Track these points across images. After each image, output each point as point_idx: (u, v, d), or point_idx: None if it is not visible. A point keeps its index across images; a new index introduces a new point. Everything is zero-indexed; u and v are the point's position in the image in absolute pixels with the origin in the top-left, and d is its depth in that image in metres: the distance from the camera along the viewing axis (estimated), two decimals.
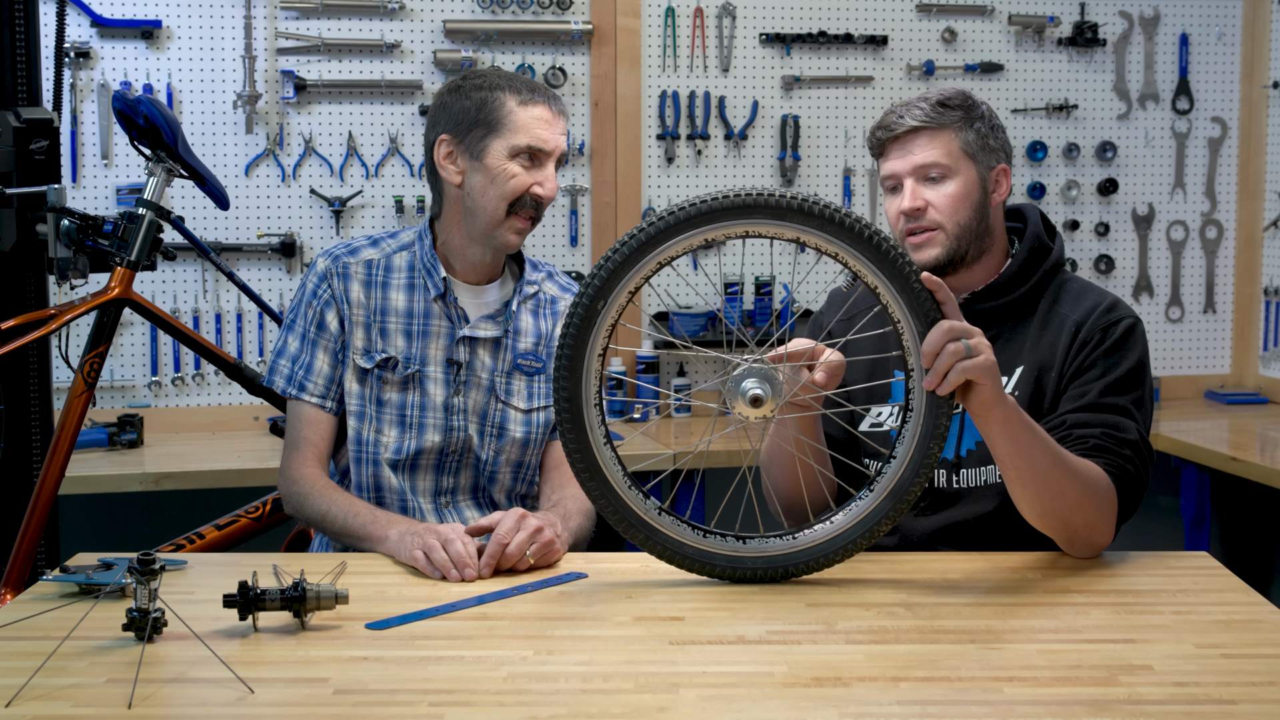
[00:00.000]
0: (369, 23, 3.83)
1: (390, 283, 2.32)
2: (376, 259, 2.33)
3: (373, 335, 2.30)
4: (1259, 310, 4.28)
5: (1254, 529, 4.24)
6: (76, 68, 3.66)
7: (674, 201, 1.89)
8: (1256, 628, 1.77)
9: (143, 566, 1.65)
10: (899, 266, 1.85)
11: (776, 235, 1.85)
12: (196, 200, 3.70)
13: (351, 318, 2.30)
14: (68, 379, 2.68)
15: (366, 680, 1.57)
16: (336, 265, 2.31)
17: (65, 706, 1.49)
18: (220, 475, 3.32)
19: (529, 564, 2.00)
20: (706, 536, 1.93)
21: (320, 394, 2.30)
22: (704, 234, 1.84)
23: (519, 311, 2.36)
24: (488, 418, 2.33)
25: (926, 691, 1.54)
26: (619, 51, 3.95)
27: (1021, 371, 2.20)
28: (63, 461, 2.60)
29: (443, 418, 2.31)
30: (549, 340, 2.38)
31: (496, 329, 2.33)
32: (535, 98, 2.26)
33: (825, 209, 1.83)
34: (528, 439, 2.35)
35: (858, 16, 4.09)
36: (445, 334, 2.31)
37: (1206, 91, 4.28)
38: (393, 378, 2.29)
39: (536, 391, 2.37)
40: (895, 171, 2.22)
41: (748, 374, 1.89)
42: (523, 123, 2.24)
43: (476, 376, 2.32)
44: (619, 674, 1.59)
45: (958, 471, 2.22)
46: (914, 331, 1.87)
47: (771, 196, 1.82)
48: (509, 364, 2.34)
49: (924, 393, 1.88)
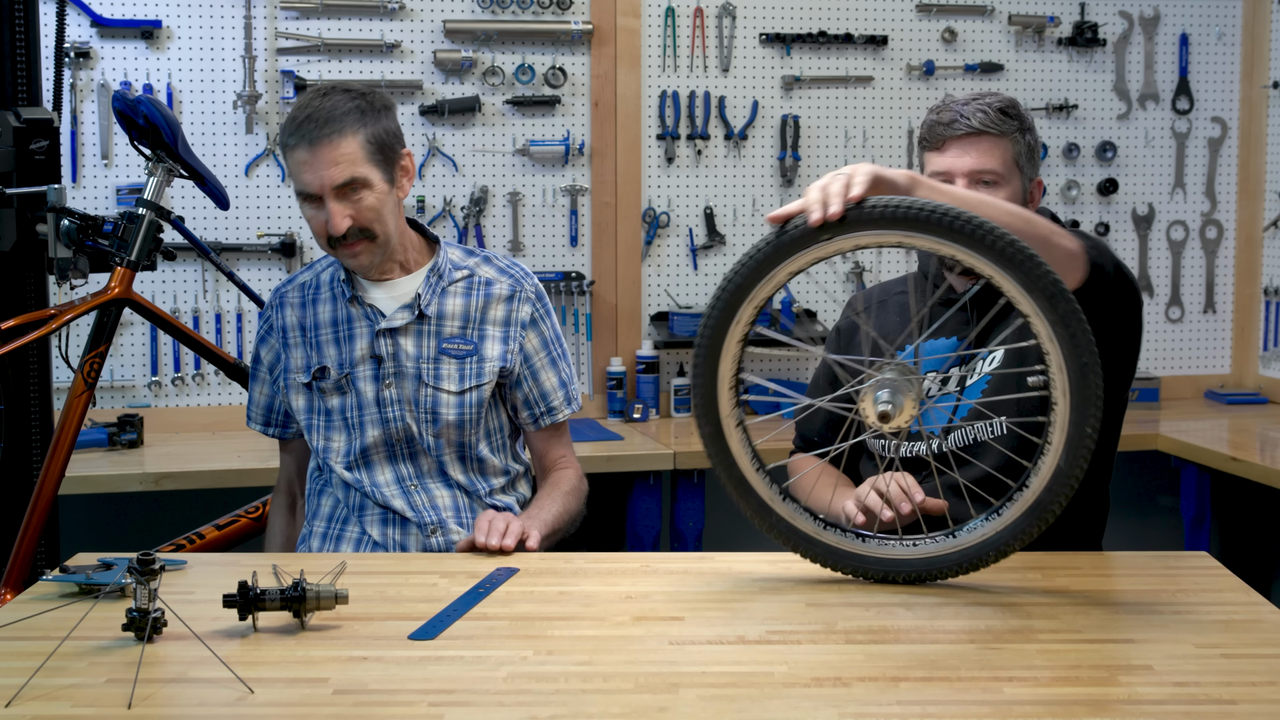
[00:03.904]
0: (369, 23, 3.83)
1: (319, 298, 2.41)
2: (309, 280, 2.44)
3: (309, 352, 2.39)
4: (1259, 310, 4.28)
5: (1254, 529, 4.23)
6: (76, 68, 3.66)
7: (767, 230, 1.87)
8: (1256, 628, 1.77)
9: (143, 566, 1.65)
10: (1049, 291, 1.76)
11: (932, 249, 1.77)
12: (196, 200, 3.70)
13: (289, 342, 2.41)
14: (68, 379, 2.68)
15: (366, 680, 1.57)
16: (275, 297, 2.45)
17: (65, 706, 1.49)
18: (220, 475, 3.32)
19: (510, 549, 2.12)
20: (865, 541, 1.93)
21: (279, 424, 2.49)
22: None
23: (444, 296, 2.39)
24: (420, 404, 2.36)
25: (926, 691, 1.54)
26: (619, 51, 3.95)
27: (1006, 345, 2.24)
28: (63, 461, 2.60)
29: (377, 412, 2.36)
30: (480, 323, 2.40)
31: (411, 316, 2.36)
32: (292, 140, 2.27)
33: (975, 226, 1.75)
34: (461, 420, 2.37)
35: (858, 16, 4.09)
36: (367, 333, 2.37)
37: (1206, 91, 4.28)
38: (328, 385, 2.37)
39: (469, 373, 2.38)
40: (950, 169, 2.25)
41: (884, 384, 1.85)
42: (291, 169, 2.30)
43: (402, 366, 2.36)
44: (619, 674, 1.59)
45: (947, 436, 2.27)
46: (1059, 356, 1.78)
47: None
48: (434, 350, 2.37)
49: (1072, 372, 1.78)
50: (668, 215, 4.03)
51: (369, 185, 2.28)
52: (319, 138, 2.24)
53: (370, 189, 2.28)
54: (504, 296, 2.41)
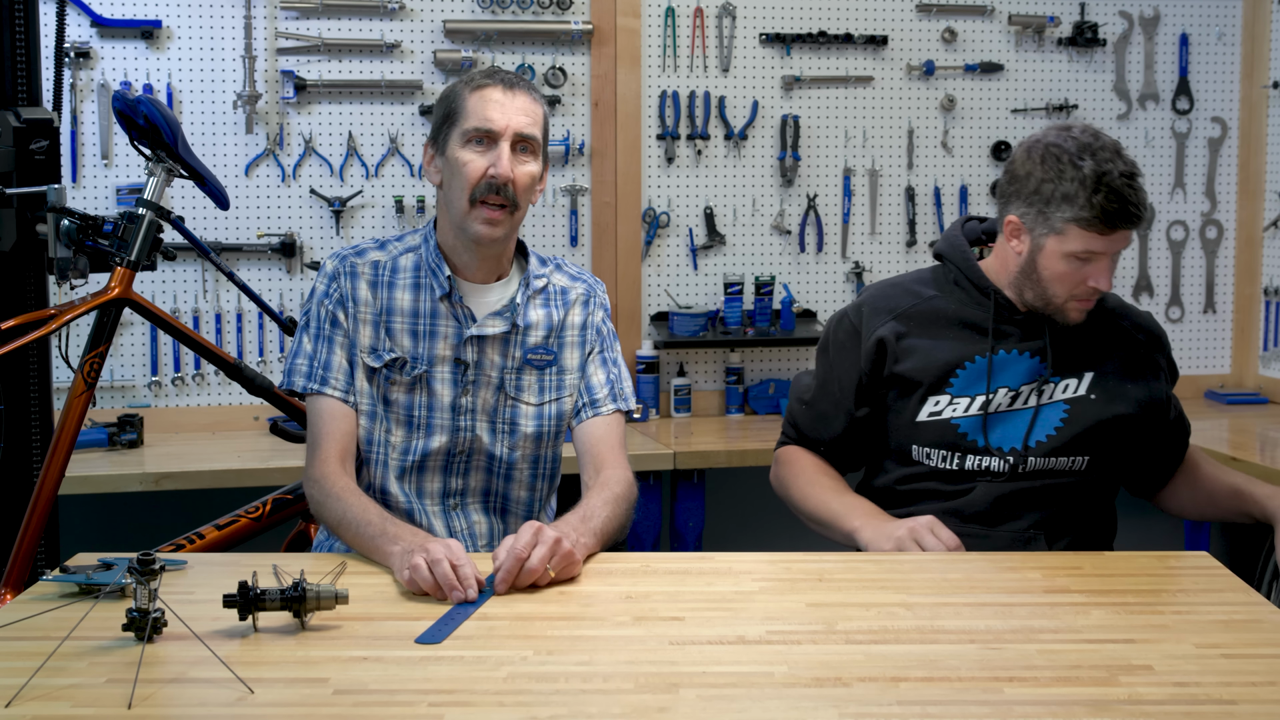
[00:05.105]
0: (369, 23, 3.83)
1: (396, 282, 2.28)
2: (383, 260, 2.30)
3: (380, 334, 2.26)
4: (1259, 310, 4.28)
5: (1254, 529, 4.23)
6: (76, 68, 3.66)
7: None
8: (1256, 628, 1.77)
9: (143, 566, 1.65)
10: None
11: None
12: (196, 200, 3.70)
13: (359, 315, 2.27)
14: (68, 379, 2.68)
15: (366, 680, 1.57)
16: (344, 265, 2.29)
17: (65, 706, 1.49)
18: (220, 475, 3.32)
19: (550, 578, 1.91)
20: None
21: (343, 388, 2.25)
22: None
23: (527, 306, 2.31)
24: (499, 414, 2.29)
25: (926, 691, 1.54)
26: (619, 51, 3.95)
27: (1094, 375, 2.39)
28: (63, 461, 2.59)
29: (450, 418, 2.27)
30: (560, 330, 2.33)
31: (504, 325, 2.28)
32: (488, 81, 2.23)
33: None
34: (540, 433, 2.32)
35: (858, 16, 4.09)
36: (453, 334, 2.27)
37: (1206, 91, 4.28)
38: (400, 378, 2.26)
39: (548, 385, 2.33)
40: (1105, 250, 2.29)
41: None
42: (471, 107, 2.21)
43: (486, 375, 2.29)
44: (619, 674, 1.59)
45: (1024, 462, 2.34)
46: None
47: None
48: (519, 360, 2.30)
49: None
50: (668, 215, 4.03)
51: (535, 156, 2.24)
52: (517, 85, 2.23)
53: (535, 160, 2.24)
54: (580, 301, 2.35)
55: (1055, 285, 2.31)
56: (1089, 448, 2.36)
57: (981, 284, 2.41)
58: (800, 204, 4.10)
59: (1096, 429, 2.36)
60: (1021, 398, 2.36)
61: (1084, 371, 2.39)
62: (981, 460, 2.35)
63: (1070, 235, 2.26)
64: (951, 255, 2.46)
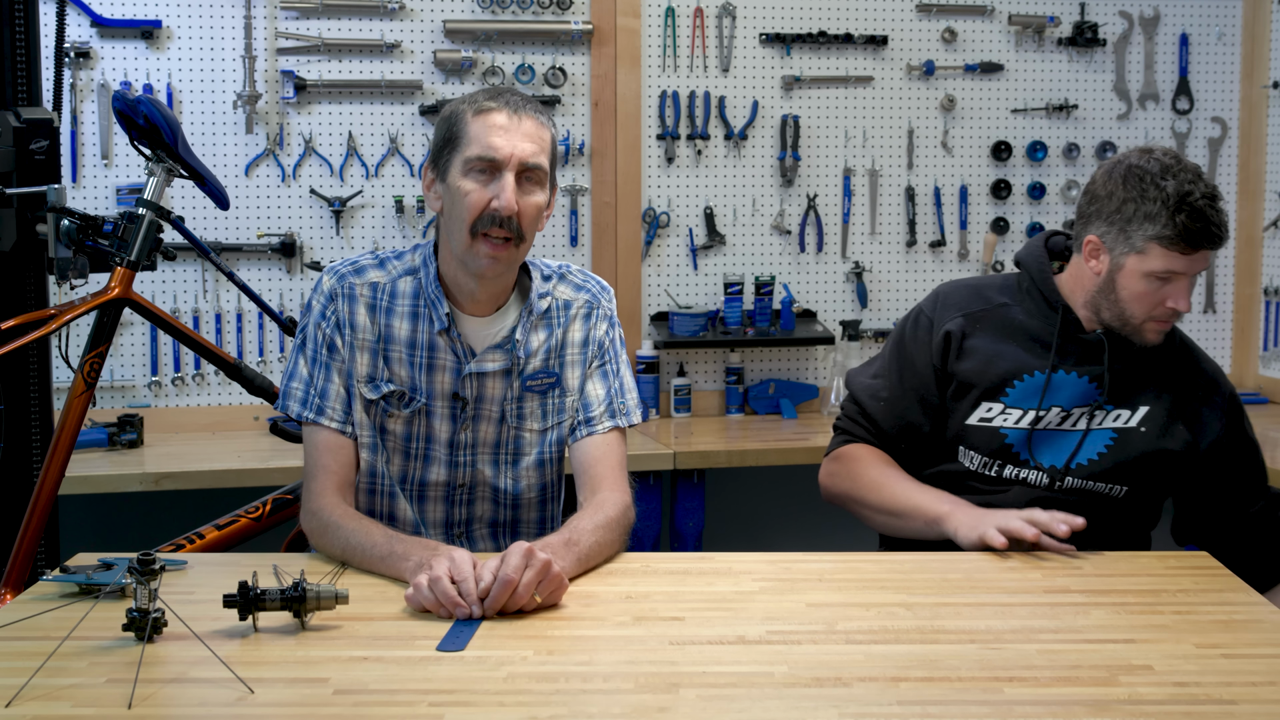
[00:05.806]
0: (369, 23, 3.83)
1: (395, 309, 2.18)
2: (383, 283, 2.19)
3: (378, 362, 2.17)
4: (1259, 310, 4.28)
5: None
6: (76, 68, 3.66)
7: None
8: (1256, 628, 1.77)
9: (143, 566, 1.65)
10: None
11: None
12: (196, 200, 3.70)
13: (356, 342, 2.17)
14: (68, 379, 2.68)
15: (366, 680, 1.57)
16: (342, 285, 2.18)
17: (65, 706, 1.49)
18: (220, 475, 3.32)
19: (536, 603, 1.81)
20: None
21: (340, 419, 2.17)
22: None
23: (528, 337, 2.21)
24: (502, 446, 2.22)
25: (926, 691, 1.54)
26: (619, 51, 3.95)
27: (1148, 410, 2.39)
28: (63, 461, 2.60)
29: (447, 453, 2.19)
30: (560, 349, 2.23)
31: (505, 359, 2.18)
32: (492, 104, 2.10)
33: None
34: (542, 460, 2.24)
35: (858, 16, 4.09)
36: (451, 369, 2.17)
37: (1206, 91, 4.28)
38: (399, 412, 2.17)
39: (551, 408, 2.23)
40: (1187, 271, 2.29)
41: None
42: (474, 133, 2.08)
43: (486, 409, 2.19)
44: (619, 674, 1.59)
45: (1062, 479, 2.36)
46: None
47: None
48: (519, 389, 2.21)
49: None
50: (668, 215, 4.03)
51: (542, 185, 2.12)
52: (523, 108, 2.10)
53: (542, 189, 2.13)
54: (581, 315, 2.25)
55: (1134, 305, 2.31)
56: (1130, 478, 2.37)
57: (1052, 297, 2.41)
58: (800, 204, 4.10)
59: (1140, 460, 2.37)
60: (1072, 419, 2.38)
61: (1139, 404, 2.39)
62: (1020, 472, 2.37)
63: (1152, 254, 2.26)
64: (1028, 263, 2.47)
